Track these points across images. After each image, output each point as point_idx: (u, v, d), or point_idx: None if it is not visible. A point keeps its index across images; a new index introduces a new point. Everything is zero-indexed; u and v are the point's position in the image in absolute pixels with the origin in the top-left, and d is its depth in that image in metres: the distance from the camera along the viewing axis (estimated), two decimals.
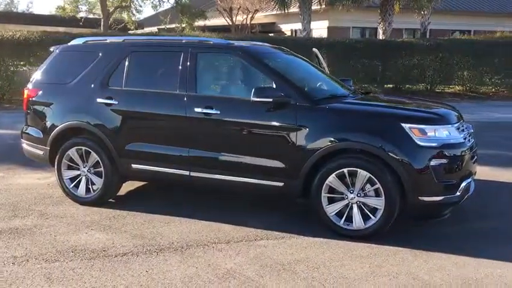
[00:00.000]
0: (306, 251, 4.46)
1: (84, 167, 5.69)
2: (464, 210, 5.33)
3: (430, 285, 3.82)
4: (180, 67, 5.28)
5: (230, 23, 22.09)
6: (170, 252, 4.43)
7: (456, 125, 4.79)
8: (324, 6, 20.12)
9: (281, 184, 4.90)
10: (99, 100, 5.54)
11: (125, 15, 24.68)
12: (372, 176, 4.55)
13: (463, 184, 4.65)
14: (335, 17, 22.74)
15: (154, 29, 25.10)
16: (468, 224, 5.13)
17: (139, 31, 24.38)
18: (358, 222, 4.68)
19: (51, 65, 6.02)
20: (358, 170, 4.60)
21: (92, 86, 5.62)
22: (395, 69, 17.93)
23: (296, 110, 4.81)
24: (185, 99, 5.19)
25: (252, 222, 5.11)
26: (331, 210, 4.76)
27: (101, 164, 5.56)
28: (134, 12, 23.95)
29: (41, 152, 5.94)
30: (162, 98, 5.37)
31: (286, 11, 19.07)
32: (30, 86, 6.06)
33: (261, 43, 6.24)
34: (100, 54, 5.72)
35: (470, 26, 26.36)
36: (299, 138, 4.77)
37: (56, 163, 5.78)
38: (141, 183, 6.48)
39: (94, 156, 5.59)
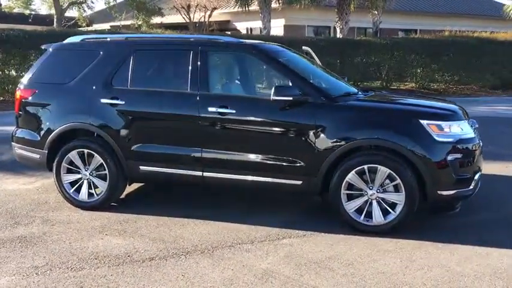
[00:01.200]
0: (332, 248, 4.50)
1: (85, 170, 5.47)
2: (466, 201, 5.51)
3: (464, 276, 3.94)
4: (190, 66, 5.17)
5: (188, 21, 21.83)
6: (198, 255, 4.35)
7: (467, 120, 4.97)
8: (281, 5, 20.26)
9: (299, 182, 4.92)
10: (103, 100, 5.34)
11: (75, 11, 23.88)
12: (392, 172, 4.64)
13: (476, 177, 4.84)
14: (291, 16, 22.96)
15: (105, 25, 24.40)
16: (475, 215, 5.32)
17: (91, 28, 23.61)
18: (378, 217, 4.76)
19: (47, 64, 5.75)
20: (379, 166, 4.68)
21: (94, 85, 5.42)
22: (353, 67, 18.32)
23: (314, 108, 4.84)
24: (198, 98, 5.10)
25: (268, 222, 5.09)
26: (351, 206, 4.82)
27: (105, 167, 5.37)
28: (86, 8, 23.18)
29: (36, 156, 5.66)
30: (173, 97, 5.26)
31: (247, 9, 19.06)
32: (22, 86, 5.77)
33: (258, 41, 6.22)
34: (101, 52, 5.51)
35: (416, 25, 27.32)
36: (318, 136, 4.80)
37: (54, 167, 5.53)
38: (137, 185, 6.31)
39: (97, 159, 5.39)
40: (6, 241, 4.64)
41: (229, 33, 22.18)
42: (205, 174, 5.14)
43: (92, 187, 5.52)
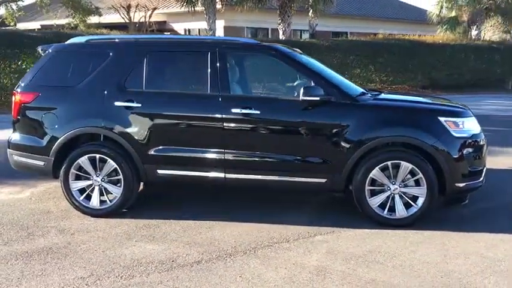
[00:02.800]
0: (366, 242, 4.66)
1: (97, 176, 5.28)
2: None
3: (499, 261, 4.25)
4: (209, 67, 5.14)
5: (127, 21, 21.27)
6: (242, 256, 4.36)
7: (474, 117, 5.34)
8: (224, 6, 20.30)
9: (324, 180, 5.05)
10: (117, 103, 5.18)
11: (2, 9, 22.38)
12: (414, 167, 4.89)
13: (484, 170, 5.21)
14: (231, 17, 23.04)
15: (34, 24, 23.20)
16: (480, 204, 5.67)
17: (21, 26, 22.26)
18: (400, 211, 4.99)
19: (49, 66, 5.47)
20: (402, 162, 4.91)
21: (106, 88, 5.24)
22: None
23: (338, 108, 4.99)
24: (220, 100, 5.08)
25: (291, 220, 5.18)
26: (375, 202, 5.01)
27: (120, 172, 5.20)
28: (13, 6, 21.76)
29: (40, 163, 5.38)
30: (193, 99, 5.21)
31: (193, 9, 18.89)
32: (22, 89, 5.45)
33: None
34: (111, 54, 5.34)
35: (347, 28, 28.40)
36: (342, 134, 4.95)
37: (62, 174, 5.29)
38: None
39: (110, 164, 5.22)
40: (32, 253, 4.39)
41: (167, 33, 21.88)
42: (228, 175, 5.14)
43: (104, 193, 5.32)
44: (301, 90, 4.86)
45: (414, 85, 21.40)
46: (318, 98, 4.88)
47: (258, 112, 5.02)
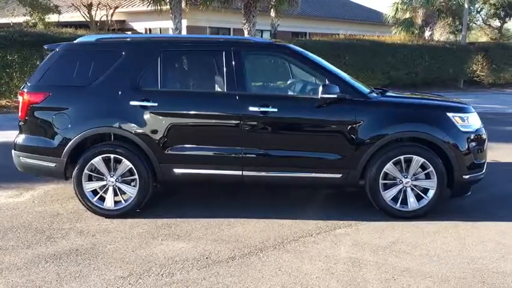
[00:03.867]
0: (386, 233, 4.86)
1: (111, 177, 5.23)
2: None
3: None
4: (224, 66, 5.19)
5: (88, 19, 20.78)
6: (272, 250, 4.45)
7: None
8: (187, 6, 20.17)
9: (339, 175, 5.21)
10: (133, 103, 5.15)
11: None
12: (426, 160, 5.13)
13: (486, 163, 5.52)
14: (193, 17, 22.90)
15: None
16: (476, 196, 5.95)
17: None
18: (412, 203, 5.22)
19: (58, 66, 5.36)
20: (414, 156, 5.14)
21: (120, 87, 5.20)
22: None
23: (353, 105, 5.16)
24: (237, 98, 5.15)
25: (307, 216, 5.32)
26: (388, 195, 5.22)
27: (135, 172, 5.18)
28: None
29: (51, 165, 5.28)
30: (210, 97, 5.26)
31: (159, 8, 18.66)
32: (30, 89, 5.32)
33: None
34: (123, 53, 5.30)
35: (306, 28, 28.80)
36: (357, 131, 5.12)
37: (75, 175, 5.21)
38: None
39: (126, 164, 5.19)
40: (60, 256, 4.33)
41: (129, 33, 21.57)
42: (245, 173, 5.21)
43: (119, 194, 5.29)
44: (320, 88, 5.00)
45: (375, 84, 21.97)
46: (335, 96, 5.03)
47: (276, 110, 5.12)
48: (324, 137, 5.20)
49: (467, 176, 5.26)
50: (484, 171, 5.43)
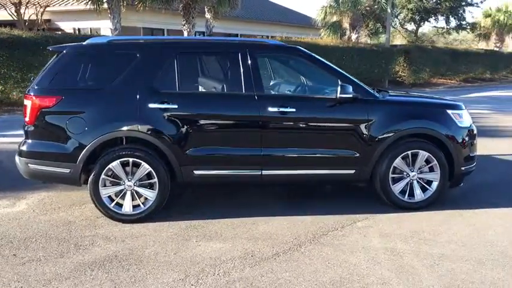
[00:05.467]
0: (403, 224, 5.16)
1: (129, 181, 5.16)
2: None
3: None
4: (241, 68, 5.27)
5: (16, 18, 19.62)
6: (310, 245, 4.61)
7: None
8: (124, 7, 19.69)
9: (352, 171, 5.48)
10: (151, 105, 5.11)
11: None
12: (430, 155, 5.52)
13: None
14: (127, 17, 22.34)
15: None
16: (466, 184, 6.46)
17: None
18: (418, 195, 5.60)
19: (69, 68, 5.19)
20: (420, 151, 5.52)
21: (137, 90, 5.13)
22: None
23: (364, 104, 5.44)
24: (256, 99, 5.26)
25: (323, 211, 5.51)
26: (397, 188, 5.56)
27: (155, 175, 5.14)
28: None
29: (65, 171, 5.11)
30: (229, 99, 5.32)
31: (98, 8, 18.07)
32: (39, 93, 5.10)
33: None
34: (138, 55, 5.23)
35: (238, 30, 29.09)
36: (369, 128, 5.41)
37: (91, 180, 5.08)
38: None
39: (145, 167, 5.13)
40: (103, 262, 4.23)
41: (59, 32, 20.68)
42: (264, 172, 5.33)
43: (137, 198, 5.22)
44: (338, 89, 5.22)
45: None
46: (351, 95, 5.28)
47: (294, 110, 5.29)
48: (339, 135, 5.44)
49: (463, 168, 5.71)
50: (475, 163, 5.92)
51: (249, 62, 5.30)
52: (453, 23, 38.11)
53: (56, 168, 5.11)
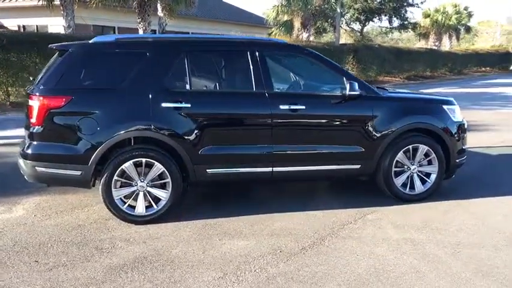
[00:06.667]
0: (413, 215, 5.37)
1: (141, 181, 5.09)
2: None
3: None
4: (251, 66, 5.31)
5: None
6: (333, 238, 4.73)
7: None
8: (75, 4, 19.09)
9: (358, 166, 5.65)
10: (165, 104, 5.06)
11: None
12: (429, 148, 5.78)
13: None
14: (77, 15, 21.72)
15: None
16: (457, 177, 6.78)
17: None
18: (419, 187, 5.85)
19: (76, 67, 5.04)
20: (420, 145, 5.77)
21: (149, 89, 5.06)
22: None
23: (369, 101, 5.62)
24: (267, 97, 5.32)
25: (332, 206, 5.66)
26: (399, 181, 5.78)
27: (168, 175, 5.10)
28: None
29: (76, 173, 4.97)
30: (241, 97, 5.35)
31: (50, 5, 17.40)
32: (47, 93, 4.92)
33: None
34: (148, 54, 5.16)
35: (189, 28, 28.88)
36: (374, 124, 5.59)
37: (103, 182, 4.98)
38: None
39: (158, 167, 5.07)
40: (133, 265, 4.17)
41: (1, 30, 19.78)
42: (275, 169, 5.41)
43: (150, 199, 5.15)
44: (348, 86, 5.37)
45: None
46: (358, 93, 5.44)
47: (304, 107, 5.39)
48: (346, 131, 5.60)
49: (457, 160, 6.02)
50: (465, 156, 6.24)
51: (259, 59, 5.35)
52: (396, 22, 39.54)
53: (66, 170, 4.97)
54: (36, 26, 23.05)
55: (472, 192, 6.24)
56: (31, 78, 7.48)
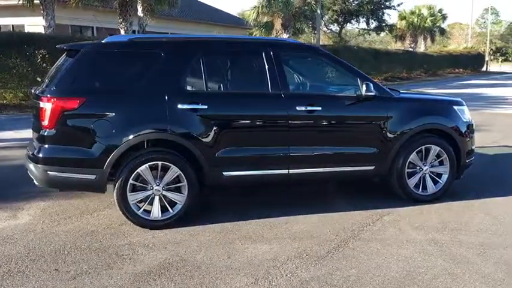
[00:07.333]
0: (429, 216, 5.36)
1: (157, 185, 4.96)
2: None
3: None
4: (267, 66, 5.22)
5: None
6: (356, 241, 4.68)
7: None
8: (55, 3, 18.67)
9: (372, 167, 5.62)
10: (181, 106, 4.93)
11: None
12: (441, 149, 5.79)
13: None
14: (55, 15, 21.30)
15: None
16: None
17: None
18: (430, 188, 5.85)
19: (89, 67, 4.89)
20: (432, 145, 5.77)
21: (165, 90, 4.93)
22: None
23: (383, 102, 5.60)
24: (283, 98, 5.24)
25: (347, 208, 5.60)
26: (412, 182, 5.77)
27: (184, 178, 4.98)
28: None
29: (91, 177, 4.81)
30: (257, 98, 5.26)
31: (31, 4, 16.99)
32: (60, 95, 4.75)
33: None
34: (162, 54, 5.03)
35: (169, 29, 28.60)
36: (388, 125, 5.57)
37: (119, 186, 4.83)
38: None
39: (174, 171, 4.95)
40: (160, 271, 4.04)
41: None
42: (291, 171, 5.33)
43: (165, 202, 5.02)
44: (364, 87, 5.33)
45: None
46: (373, 93, 5.41)
47: (320, 108, 5.33)
48: (362, 132, 5.56)
49: (467, 161, 6.04)
50: (474, 156, 6.28)
51: (274, 60, 5.27)
52: (373, 24, 39.93)
53: (80, 174, 4.80)
54: (12, 25, 22.55)
55: (480, 192, 6.26)
56: (39, 79, 7.23)
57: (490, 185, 6.66)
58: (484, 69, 50.81)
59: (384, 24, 40.15)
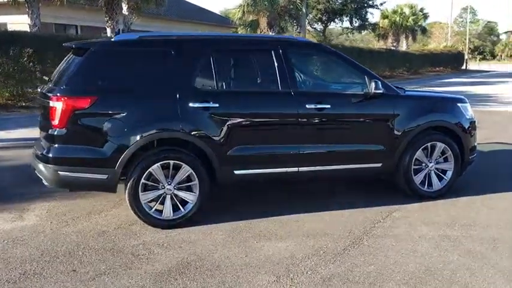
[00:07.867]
0: (437, 212, 5.41)
1: (169, 184, 4.92)
2: None
3: None
4: (276, 65, 5.22)
5: None
6: (370, 238, 4.71)
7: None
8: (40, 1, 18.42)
9: (379, 165, 5.66)
10: (193, 105, 4.91)
11: None
12: (446, 146, 5.86)
13: None
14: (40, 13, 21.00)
15: None
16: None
17: None
18: (436, 184, 5.92)
19: (99, 66, 4.82)
20: (437, 143, 5.83)
21: (176, 88, 4.90)
22: None
23: (390, 99, 5.64)
24: (293, 96, 5.25)
25: (356, 205, 5.62)
26: (418, 179, 5.82)
27: (196, 177, 4.95)
28: None
29: (102, 177, 4.75)
30: (268, 96, 5.25)
31: (16, 1, 16.71)
32: (71, 93, 4.68)
33: None
34: (173, 52, 4.99)
35: (153, 27, 28.37)
36: (395, 123, 5.61)
37: (130, 185, 4.78)
38: None
39: (186, 169, 4.92)
40: (180, 271, 4.01)
41: None
42: (301, 169, 5.34)
43: (177, 201, 4.99)
44: (373, 84, 5.36)
45: None
46: (381, 91, 5.45)
47: (329, 106, 5.35)
48: (370, 130, 5.60)
49: (470, 157, 6.12)
50: (476, 153, 6.36)
51: (283, 58, 5.26)
52: (356, 23, 40.22)
53: (91, 174, 4.74)
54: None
55: (480, 188, 6.32)
56: (46, 79, 7.11)
57: (489, 181, 6.75)
58: (463, 67, 51.53)
59: (367, 23, 40.45)
